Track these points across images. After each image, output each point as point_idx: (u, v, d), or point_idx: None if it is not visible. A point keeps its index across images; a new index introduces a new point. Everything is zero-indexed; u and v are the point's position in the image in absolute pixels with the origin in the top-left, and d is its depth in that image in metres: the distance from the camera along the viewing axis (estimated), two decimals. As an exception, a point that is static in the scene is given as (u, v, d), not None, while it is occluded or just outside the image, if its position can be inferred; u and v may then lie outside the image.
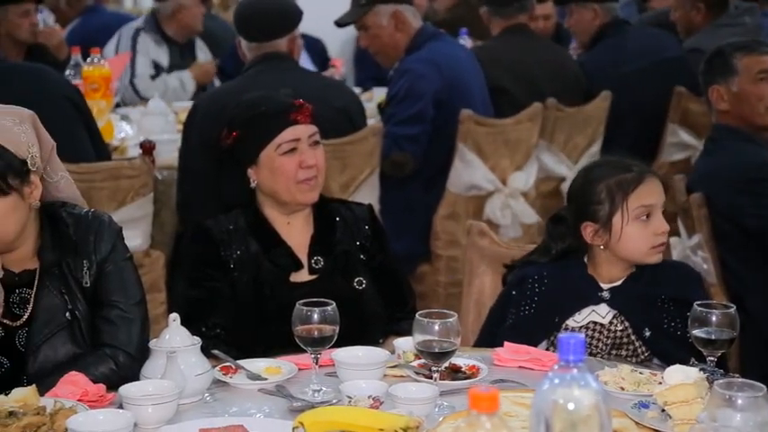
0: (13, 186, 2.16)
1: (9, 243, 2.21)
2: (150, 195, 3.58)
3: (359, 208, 2.85)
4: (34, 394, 2.00)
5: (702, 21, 5.21)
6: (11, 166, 2.16)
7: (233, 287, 2.66)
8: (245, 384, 2.22)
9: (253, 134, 2.69)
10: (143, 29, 5.54)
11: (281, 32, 3.80)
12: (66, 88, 3.52)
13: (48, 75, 3.54)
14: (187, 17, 5.55)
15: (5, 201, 2.16)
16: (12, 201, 2.17)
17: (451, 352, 2.09)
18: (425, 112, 4.20)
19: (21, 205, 2.20)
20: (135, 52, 5.47)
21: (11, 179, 2.16)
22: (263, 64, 3.77)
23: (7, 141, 2.17)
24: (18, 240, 2.22)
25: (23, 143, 2.20)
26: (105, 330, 2.27)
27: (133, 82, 5.42)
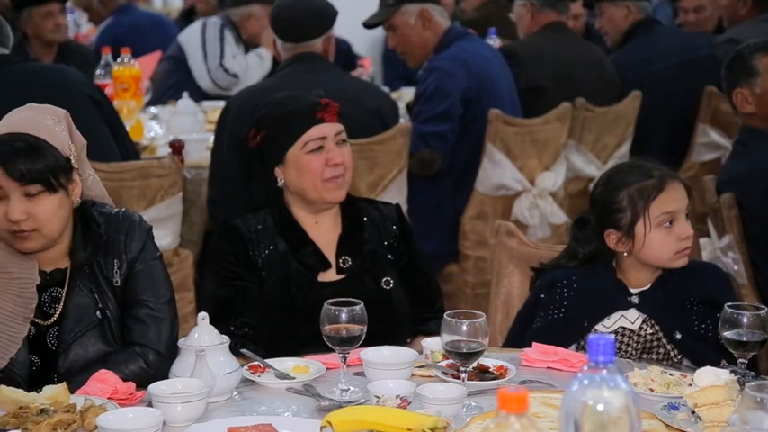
0: (61, 183, 2.20)
1: (53, 240, 2.24)
2: (179, 195, 3.60)
3: (387, 207, 2.85)
4: (65, 392, 2.01)
5: (747, 14, 5.19)
6: (59, 163, 2.20)
7: (261, 286, 2.67)
8: (274, 383, 2.22)
9: (279, 133, 2.70)
10: (225, 25, 5.60)
11: (316, 34, 3.84)
12: (87, 87, 3.54)
13: (68, 74, 3.57)
14: (256, 26, 5.57)
15: (54, 198, 2.20)
16: (59, 198, 2.21)
17: (480, 352, 2.09)
18: (453, 111, 4.19)
19: (66, 202, 2.23)
20: (223, 40, 5.54)
21: (60, 177, 2.20)
22: (297, 64, 3.80)
23: (53, 139, 2.21)
24: (59, 238, 2.25)
25: (65, 142, 2.24)
26: (135, 329, 2.29)
27: (223, 63, 5.52)
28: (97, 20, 6.94)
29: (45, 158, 2.18)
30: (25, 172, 2.16)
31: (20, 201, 2.17)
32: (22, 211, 2.17)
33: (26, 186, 2.17)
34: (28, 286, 2.23)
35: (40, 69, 3.70)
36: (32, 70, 3.57)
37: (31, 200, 2.18)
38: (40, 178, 2.17)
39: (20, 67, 3.44)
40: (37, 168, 2.17)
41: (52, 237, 2.23)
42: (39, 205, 2.19)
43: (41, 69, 3.72)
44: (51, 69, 3.68)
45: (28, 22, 5.04)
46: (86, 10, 7.21)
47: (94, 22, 7.13)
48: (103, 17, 6.71)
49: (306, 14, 3.82)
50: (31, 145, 2.18)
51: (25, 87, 3.30)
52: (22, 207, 2.17)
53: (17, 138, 2.18)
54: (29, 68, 3.60)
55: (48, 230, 2.21)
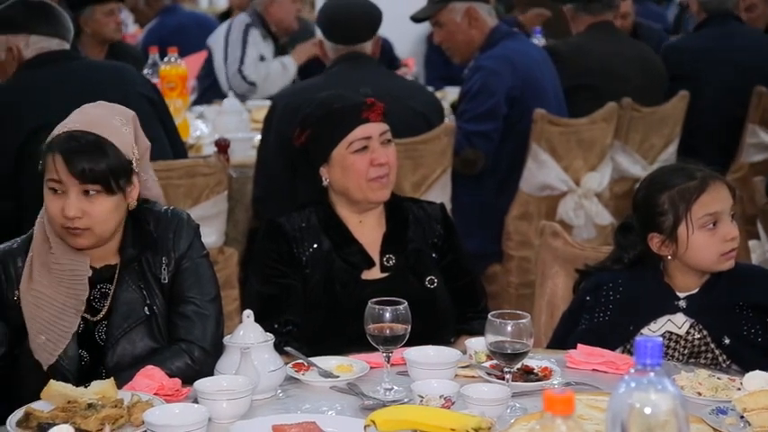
0: (120, 186, 2.22)
1: (105, 239, 2.26)
2: (225, 193, 3.63)
3: (431, 207, 2.85)
4: (112, 387, 2.04)
5: None
6: (121, 165, 2.22)
7: (305, 284, 2.68)
8: (318, 381, 2.23)
9: (324, 132, 2.70)
10: (251, 24, 5.59)
11: (368, 36, 3.87)
12: (145, 86, 3.57)
13: (127, 73, 3.59)
14: (279, 11, 5.57)
15: (111, 200, 2.22)
16: (116, 200, 2.23)
17: (524, 353, 2.08)
18: (498, 110, 4.18)
19: (122, 205, 2.25)
20: (245, 43, 5.52)
21: (120, 179, 2.22)
22: (345, 63, 3.83)
23: (118, 140, 2.23)
24: (111, 237, 2.27)
25: (129, 144, 2.25)
26: (181, 326, 2.31)
27: (241, 69, 5.50)
28: (143, 21, 7.01)
29: (108, 160, 2.19)
30: (87, 171, 2.18)
31: (77, 198, 2.19)
32: (78, 208, 2.19)
33: (85, 185, 2.19)
34: (80, 279, 2.25)
35: (100, 66, 3.72)
36: (93, 67, 3.60)
37: (88, 198, 2.20)
38: (101, 179, 2.19)
39: (80, 64, 3.47)
40: (99, 169, 2.18)
41: (104, 237, 2.25)
42: (95, 205, 2.20)
43: (102, 67, 3.74)
44: (111, 67, 3.70)
45: (89, 20, 5.09)
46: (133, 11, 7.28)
47: (140, 23, 7.20)
48: (149, 18, 6.77)
49: (359, 17, 3.86)
50: (97, 144, 2.19)
51: (84, 84, 3.32)
52: (79, 204, 2.19)
53: (85, 135, 2.20)
54: (89, 65, 3.63)
55: (100, 230, 2.23)
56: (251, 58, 5.53)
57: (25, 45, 3.38)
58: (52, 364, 2.24)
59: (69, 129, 2.22)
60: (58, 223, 2.22)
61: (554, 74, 4.43)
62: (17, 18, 3.41)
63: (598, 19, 4.80)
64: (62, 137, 2.21)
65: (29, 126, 3.15)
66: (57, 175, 2.19)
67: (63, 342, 2.24)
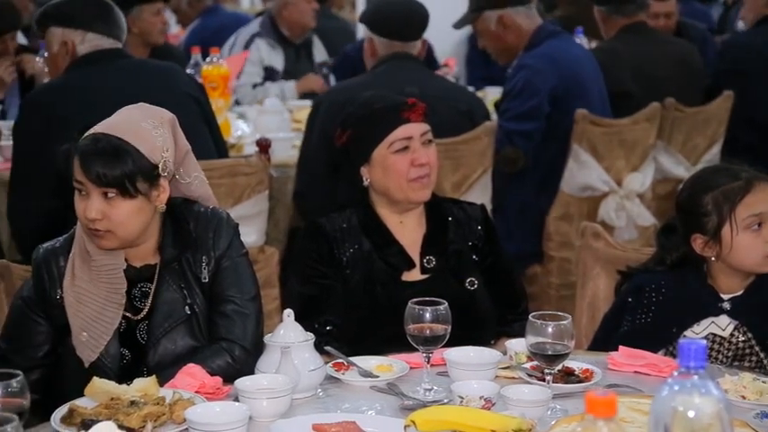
0: (140, 190, 2.22)
1: (129, 241, 2.28)
2: (265, 193, 3.64)
3: (471, 208, 2.84)
4: (154, 385, 2.05)
5: None
6: (141, 170, 2.21)
7: (345, 285, 2.68)
8: (357, 381, 2.23)
9: (365, 132, 2.70)
10: (258, 34, 5.54)
11: (418, 35, 3.93)
12: (191, 86, 3.59)
13: (174, 73, 3.61)
14: (294, 13, 5.53)
15: (130, 203, 2.22)
16: (137, 204, 2.23)
17: (565, 355, 2.07)
18: (540, 109, 4.16)
19: (146, 208, 2.25)
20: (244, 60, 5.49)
21: (139, 183, 2.21)
22: (392, 63, 3.86)
23: (144, 144, 2.23)
24: (140, 238, 2.29)
25: (158, 147, 2.25)
26: (221, 324, 2.32)
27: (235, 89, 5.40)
28: (185, 22, 7.06)
29: (124, 164, 2.19)
30: (101, 175, 2.18)
31: (97, 200, 2.20)
32: (97, 210, 2.20)
33: (103, 188, 2.20)
34: (115, 273, 2.27)
35: (148, 66, 3.73)
36: (141, 67, 3.61)
37: (107, 201, 2.21)
38: (116, 183, 2.19)
39: (129, 62, 3.49)
40: (113, 174, 2.18)
41: (127, 239, 2.26)
42: (114, 208, 2.21)
43: (150, 66, 3.76)
44: (159, 67, 3.71)
45: (137, 19, 5.13)
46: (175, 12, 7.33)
47: (182, 23, 7.25)
48: (191, 19, 6.81)
49: (413, 14, 3.93)
50: (114, 148, 2.19)
51: (132, 84, 3.34)
52: (99, 207, 2.20)
53: (102, 138, 2.21)
54: (138, 64, 3.64)
55: (121, 233, 2.24)
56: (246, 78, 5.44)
57: (81, 41, 3.38)
58: (94, 362, 2.26)
59: (94, 131, 2.23)
60: (84, 224, 2.25)
61: (599, 74, 4.40)
62: (75, 13, 3.41)
63: (632, 20, 4.75)
64: (86, 139, 2.23)
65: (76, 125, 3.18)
66: (77, 176, 2.22)
67: (105, 338, 2.26)
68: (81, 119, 3.15)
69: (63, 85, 3.39)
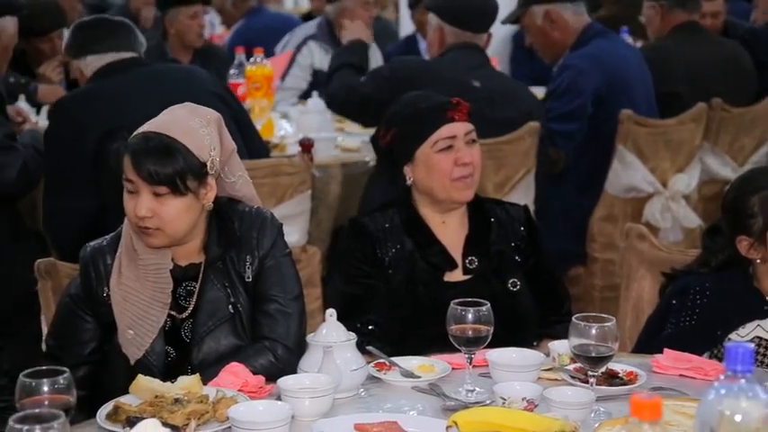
0: (189, 188, 2.24)
1: (178, 239, 2.29)
2: (308, 192, 3.66)
3: (514, 208, 2.83)
4: (198, 383, 2.07)
5: None
6: (191, 168, 2.24)
7: (387, 284, 2.68)
8: (399, 381, 2.23)
9: (409, 131, 2.70)
10: (313, 36, 5.52)
11: (487, 26, 4.02)
12: (213, 85, 3.62)
13: (195, 73, 3.66)
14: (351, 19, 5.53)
15: (180, 201, 2.24)
16: (186, 201, 2.25)
17: (609, 357, 2.05)
18: (584, 110, 4.14)
19: (194, 206, 2.27)
20: (292, 62, 5.47)
21: (189, 181, 2.24)
22: (461, 51, 3.93)
23: (193, 143, 2.25)
24: (187, 237, 2.31)
25: (206, 146, 2.27)
26: (265, 323, 2.33)
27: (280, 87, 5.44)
28: (230, 22, 7.11)
29: (175, 162, 2.21)
30: (153, 173, 2.21)
31: (147, 198, 2.23)
32: (148, 208, 2.22)
33: (154, 186, 2.22)
34: (162, 272, 2.29)
35: (165, 70, 3.79)
36: (162, 70, 3.67)
37: (157, 199, 2.23)
38: (167, 181, 2.21)
39: (149, 69, 3.55)
40: (165, 171, 2.21)
41: (176, 237, 2.28)
42: (164, 205, 2.23)
43: (167, 70, 3.81)
44: (177, 70, 3.77)
45: (173, 21, 5.18)
46: (220, 12, 7.39)
47: (227, 24, 7.31)
48: (236, 19, 6.86)
49: (485, 6, 4.01)
50: (165, 146, 2.22)
51: (155, 86, 3.39)
52: (149, 204, 2.22)
53: (153, 137, 2.23)
54: (158, 69, 3.70)
55: (171, 231, 2.26)
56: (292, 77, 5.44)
57: (85, 66, 3.49)
58: (140, 360, 2.29)
59: (144, 130, 2.26)
60: (133, 222, 2.27)
61: (646, 74, 4.36)
62: (73, 43, 3.54)
63: (688, 18, 4.69)
64: (136, 138, 2.25)
65: (102, 129, 3.23)
66: (128, 175, 2.24)
67: (150, 336, 2.28)
68: (105, 125, 3.22)
69: (84, 94, 3.47)
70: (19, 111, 4.11)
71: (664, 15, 4.76)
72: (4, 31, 3.52)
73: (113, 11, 6.73)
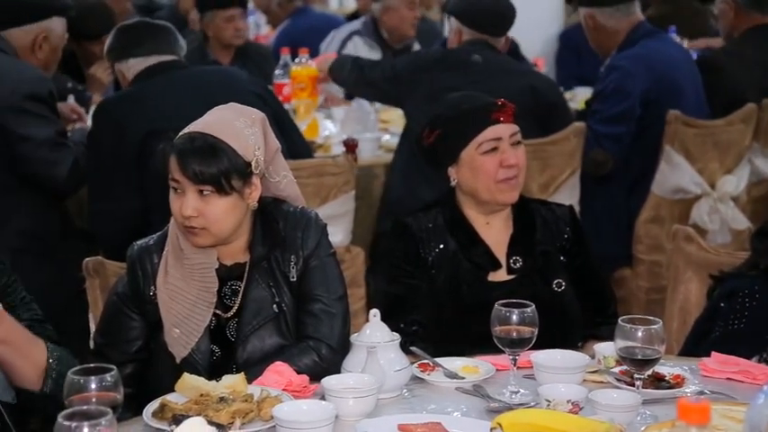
0: (234, 187, 2.26)
1: (223, 239, 2.31)
2: (352, 192, 3.66)
3: (559, 209, 2.81)
4: (243, 382, 2.08)
5: None
6: (236, 167, 2.25)
7: (431, 285, 2.67)
8: (443, 382, 2.23)
9: (454, 133, 2.69)
10: (358, 32, 5.55)
11: (505, 30, 4.07)
12: (252, 84, 3.64)
13: (234, 74, 3.68)
14: (394, 19, 5.52)
15: (225, 200, 2.26)
16: (231, 201, 2.26)
17: (655, 360, 2.03)
18: (631, 112, 4.10)
19: (239, 205, 2.29)
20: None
21: (234, 180, 2.25)
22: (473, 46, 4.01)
23: (238, 143, 2.26)
24: (233, 236, 2.32)
25: (251, 145, 2.28)
26: (309, 323, 2.34)
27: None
28: (275, 22, 7.14)
29: (220, 162, 2.23)
30: (198, 173, 2.22)
31: (193, 197, 2.24)
32: (193, 207, 2.24)
33: (199, 185, 2.24)
34: (208, 271, 2.31)
35: (204, 72, 3.82)
36: (197, 74, 3.69)
37: (203, 198, 2.24)
38: (212, 180, 2.23)
39: (186, 72, 3.58)
40: (210, 171, 2.22)
41: (221, 236, 2.29)
42: (209, 205, 2.24)
43: (206, 72, 3.84)
44: (216, 71, 3.81)
45: (210, 23, 5.22)
46: (265, 12, 7.43)
47: (272, 24, 7.34)
48: (281, 19, 6.89)
49: (503, 10, 4.05)
50: (210, 146, 2.23)
51: (194, 88, 3.42)
52: (195, 204, 2.24)
53: (198, 137, 2.25)
54: (197, 71, 3.73)
55: (216, 230, 2.27)
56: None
57: (127, 69, 3.53)
58: (185, 358, 2.30)
59: (189, 130, 2.28)
60: (179, 221, 2.28)
61: (696, 76, 4.30)
62: (115, 46, 3.58)
63: (757, 22, 4.52)
64: (181, 138, 2.27)
65: (143, 132, 3.27)
66: (174, 174, 2.25)
67: (196, 335, 2.30)
68: (145, 127, 3.25)
69: (125, 98, 3.51)
70: (74, 108, 4.16)
71: (738, 13, 4.59)
72: (52, 32, 3.56)
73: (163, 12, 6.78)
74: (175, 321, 2.31)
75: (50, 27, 3.55)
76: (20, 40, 3.50)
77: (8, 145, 3.33)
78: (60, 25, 3.60)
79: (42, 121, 3.37)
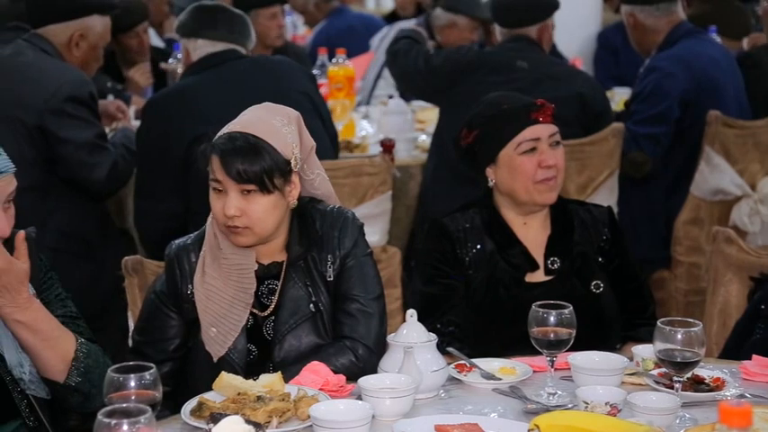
0: (276, 186, 2.26)
1: (265, 238, 2.32)
2: (389, 193, 3.66)
3: (598, 210, 2.79)
4: (280, 381, 2.09)
5: None
6: (277, 165, 2.26)
7: (467, 285, 2.67)
8: (480, 383, 2.22)
9: (493, 133, 2.68)
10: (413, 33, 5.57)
11: (531, 21, 4.03)
12: (305, 83, 3.63)
13: (287, 70, 3.66)
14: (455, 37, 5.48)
15: (268, 199, 2.27)
16: (273, 199, 2.27)
17: (695, 362, 2.01)
18: (670, 113, 4.06)
19: (281, 203, 2.30)
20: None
21: (275, 179, 2.26)
22: (509, 42, 4.03)
23: (277, 141, 2.27)
24: (273, 235, 2.33)
25: (289, 144, 2.29)
26: (345, 323, 2.34)
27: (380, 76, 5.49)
28: (312, 23, 7.16)
29: (262, 160, 2.24)
30: (242, 172, 2.23)
31: (236, 197, 2.25)
32: (236, 207, 2.25)
33: (242, 185, 2.24)
34: (246, 272, 2.32)
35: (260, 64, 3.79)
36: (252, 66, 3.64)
37: (245, 197, 2.25)
38: (255, 179, 2.24)
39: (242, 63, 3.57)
40: (253, 170, 2.23)
41: (264, 235, 2.30)
42: (252, 204, 2.25)
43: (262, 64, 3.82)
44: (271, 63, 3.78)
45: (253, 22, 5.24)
46: (302, 13, 7.44)
47: (309, 24, 7.36)
48: (318, 20, 6.91)
49: (522, 3, 4.04)
50: (251, 145, 2.25)
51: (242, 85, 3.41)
52: (238, 203, 2.25)
53: (239, 137, 2.26)
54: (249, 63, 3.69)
55: (259, 229, 2.28)
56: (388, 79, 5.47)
57: (193, 48, 3.54)
58: (222, 357, 2.31)
59: (229, 130, 2.28)
60: (221, 222, 2.29)
61: (737, 76, 4.25)
62: (188, 23, 3.59)
63: None
64: (221, 138, 2.27)
65: (190, 134, 3.28)
66: (216, 175, 2.26)
67: (233, 335, 2.31)
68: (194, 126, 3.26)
69: (176, 90, 3.52)
70: (120, 106, 4.18)
71: None
72: (90, 30, 3.56)
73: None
74: (212, 321, 2.32)
75: (89, 25, 3.56)
76: (57, 38, 3.51)
77: (48, 146, 3.36)
78: (100, 24, 3.59)
79: (82, 123, 3.39)
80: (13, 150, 2.30)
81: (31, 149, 3.33)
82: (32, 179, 3.30)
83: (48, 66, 3.44)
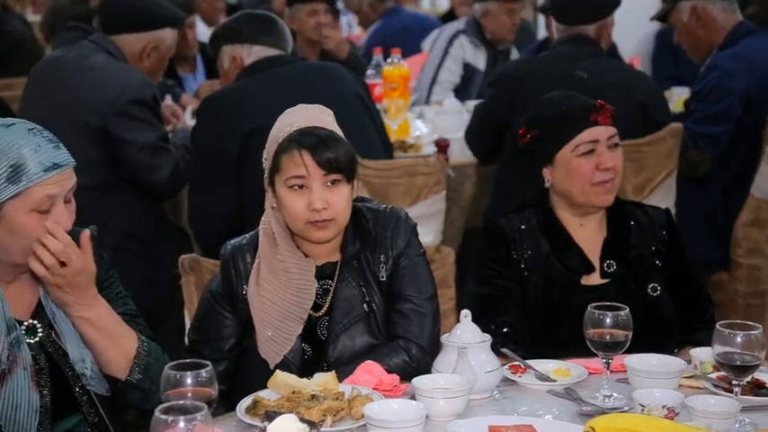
0: (354, 174, 2.31)
1: (341, 231, 2.33)
2: (443, 193, 3.65)
3: (655, 212, 2.76)
4: (334, 380, 2.10)
5: None
6: (353, 155, 2.31)
7: (522, 286, 2.65)
8: (535, 384, 2.21)
9: (551, 133, 2.66)
10: (464, 31, 5.53)
11: (590, 19, 3.96)
12: (356, 85, 3.66)
13: (339, 73, 3.70)
14: (492, 24, 5.49)
15: (348, 189, 2.31)
16: (350, 190, 2.31)
17: (755, 366, 1.99)
18: (730, 112, 3.99)
19: (351, 195, 2.33)
20: (445, 55, 5.49)
21: (355, 168, 2.31)
22: (567, 44, 3.95)
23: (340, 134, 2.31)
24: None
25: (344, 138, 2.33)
26: (399, 323, 2.34)
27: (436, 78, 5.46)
28: (366, 23, 7.18)
29: (345, 148, 2.28)
30: (333, 160, 2.25)
31: (321, 190, 2.26)
32: (323, 199, 2.26)
33: (330, 175, 2.26)
34: (306, 289, 2.32)
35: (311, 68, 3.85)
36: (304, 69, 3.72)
37: (330, 189, 2.27)
38: (344, 167, 2.27)
39: (293, 67, 3.61)
40: (342, 158, 2.26)
41: (343, 226, 2.31)
42: (336, 194, 2.27)
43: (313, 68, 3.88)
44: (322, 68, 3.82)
45: (294, 17, 5.27)
46: (357, 13, 7.47)
47: (364, 25, 7.38)
48: (372, 20, 6.92)
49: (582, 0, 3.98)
50: (333, 136, 2.28)
51: (296, 86, 3.44)
52: (323, 195, 2.26)
53: (315, 129, 2.28)
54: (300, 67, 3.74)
55: (341, 220, 2.30)
56: (446, 74, 5.46)
57: (247, 54, 3.59)
58: (277, 360, 2.33)
59: (300, 127, 2.29)
60: (303, 219, 2.28)
61: None
62: (241, 30, 3.63)
63: None
64: (300, 134, 2.28)
65: (244, 130, 3.31)
66: (299, 170, 2.26)
67: (288, 345, 2.31)
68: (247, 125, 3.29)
69: (228, 95, 3.55)
70: (174, 110, 4.24)
71: None
72: (162, 42, 3.63)
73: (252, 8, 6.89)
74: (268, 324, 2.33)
75: (161, 37, 3.62)
76: (130, 47, 3.57)
77: (112, 148, 3.41)
78: (171, 36, 3.66)
79: (145, 125, 3.44)
80: (78, 151, 2.33)
81: (96, 150, 3.39)
82: (96, 179, 3.36)
83: (112, 68, 3.49)
